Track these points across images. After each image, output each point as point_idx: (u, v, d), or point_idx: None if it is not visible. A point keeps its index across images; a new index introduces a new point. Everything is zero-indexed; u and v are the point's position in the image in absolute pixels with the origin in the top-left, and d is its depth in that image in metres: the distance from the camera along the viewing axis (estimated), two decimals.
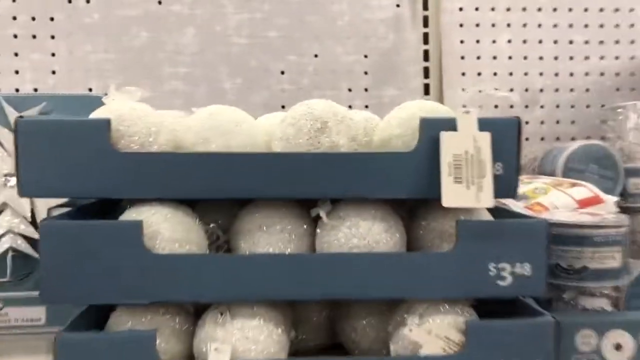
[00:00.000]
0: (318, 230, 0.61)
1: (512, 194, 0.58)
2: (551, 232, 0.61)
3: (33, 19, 1.10)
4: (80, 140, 0.56)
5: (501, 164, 0.57)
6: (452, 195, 0.55)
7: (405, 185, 0.57)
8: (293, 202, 0.62)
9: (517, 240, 0.57)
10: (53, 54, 1.11)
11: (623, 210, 0.82)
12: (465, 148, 0.56)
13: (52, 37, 1.11)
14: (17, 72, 1.10)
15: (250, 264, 0.57)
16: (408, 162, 0.57)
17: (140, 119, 0.59)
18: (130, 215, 0.58)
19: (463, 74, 1.21)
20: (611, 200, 0.82)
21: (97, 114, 0.60)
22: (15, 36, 1.10)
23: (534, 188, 0.83)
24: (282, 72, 1.16)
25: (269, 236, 0.60)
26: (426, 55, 1.20)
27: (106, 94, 0.63)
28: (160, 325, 0.57)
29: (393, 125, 0.61)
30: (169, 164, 0.57)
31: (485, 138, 0.56)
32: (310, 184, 0.57)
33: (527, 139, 1.22)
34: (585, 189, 0.82)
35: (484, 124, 0.57)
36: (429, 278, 0.57)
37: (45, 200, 0.78)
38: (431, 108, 0.61)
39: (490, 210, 0.62)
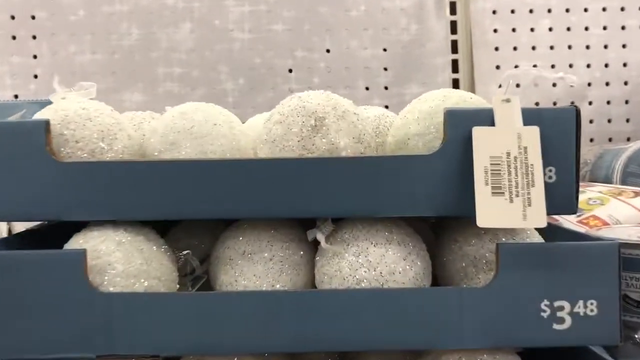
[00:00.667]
0: (317, 258, 0.50)
1: (571, 208, 0.47)
2: None
3: (12, 17, 1.07)
4: (10, 147, 0.47)
5: (554, 168, 0.46)
6: (489, 211, 0.44)
7: (427, 198, 0.47)
8: (285, 222, 0.52)
9: (579, 270, 0.46)
10: (35, 56, 1.08)
11: None
12: (507, 148, 0.45)
13: (34, 37, 1.08)
14: None
15: (229, 304, 0.46)
16: (430, 168, 0.47)
17: (91, 120, 0.50)
18: (77, 242, 0.48)
19: (497, 67, 1.15)
20: None
21: (38, 116, 0.50)
22: None
23: (588, 198, 0.76)
24: (290, 70, 1.12)
25: (255, 266, 0.49)
26: (454, 47, 1.15)
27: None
28: None
29: (411, 121, 0.50)
30: (125, 176, 0.47)
31: (533, 134, 0.45)
32: (304, 198, 0.47)
33: None
34: None
35: (530, 116, 0.46)
36: (461, 320, 0.46)
37: None
38: (460, 98, 0.50)
39: (539, 228, 0.51)
